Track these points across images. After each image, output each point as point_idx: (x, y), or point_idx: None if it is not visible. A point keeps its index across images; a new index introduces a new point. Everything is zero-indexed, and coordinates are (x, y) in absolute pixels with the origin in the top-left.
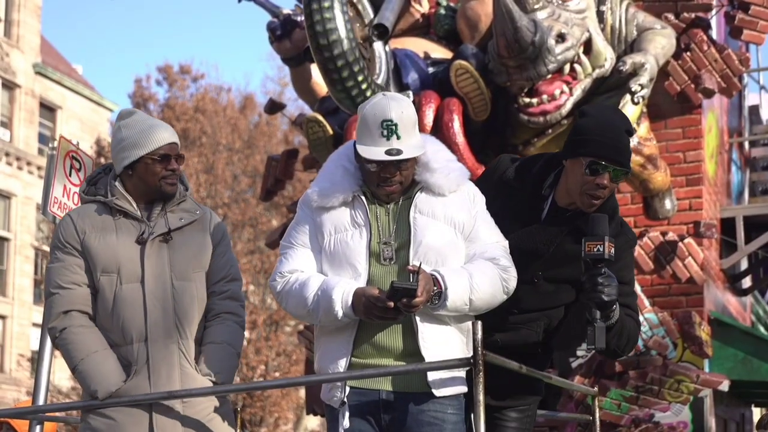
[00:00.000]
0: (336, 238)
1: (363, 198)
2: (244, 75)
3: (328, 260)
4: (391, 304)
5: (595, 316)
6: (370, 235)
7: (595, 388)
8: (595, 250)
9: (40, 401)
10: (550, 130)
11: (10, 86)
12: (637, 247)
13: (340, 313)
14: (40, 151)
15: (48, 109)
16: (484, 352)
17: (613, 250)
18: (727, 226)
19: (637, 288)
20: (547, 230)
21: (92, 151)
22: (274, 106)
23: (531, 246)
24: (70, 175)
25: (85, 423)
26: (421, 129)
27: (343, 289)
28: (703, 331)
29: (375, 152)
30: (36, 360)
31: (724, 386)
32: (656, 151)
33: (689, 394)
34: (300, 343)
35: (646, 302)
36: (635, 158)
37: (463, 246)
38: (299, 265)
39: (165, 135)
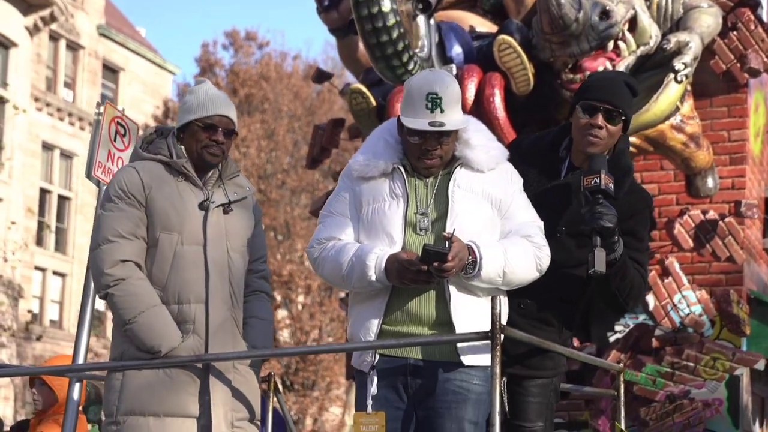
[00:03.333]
0: (374, 208)
1: (402, 170)
2: (305, 41)
3: (365, 229)
4: (424, 267)
5: (595, 243)
6: (407, 205)
7: (621, 364)
8: (593, 182)
9: (80, 359)
10: None
11: (74, 47)
12: (677, 225)
13: (373, 278)
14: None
15: (111, 71)
16: (501, 326)
17: (611, 184)
18: None
19: (676, 265)
20: (566, 186)
21: (159, 111)
22: (321, 76)
23: (552, 202)
24: (114, 140)
25: (129, 378)
26: (463, 103)
27: (377, 255)
28: (741, 310)
29: (419, 123)
30: (96, 317)
31: (760, 365)
32: (699, 129)
33: (725, 371)
34: (342, 309)
35: (684, 279)
36: (677, 136)
37: (499, 222)
38: (336, 233)
39: (219, 107)
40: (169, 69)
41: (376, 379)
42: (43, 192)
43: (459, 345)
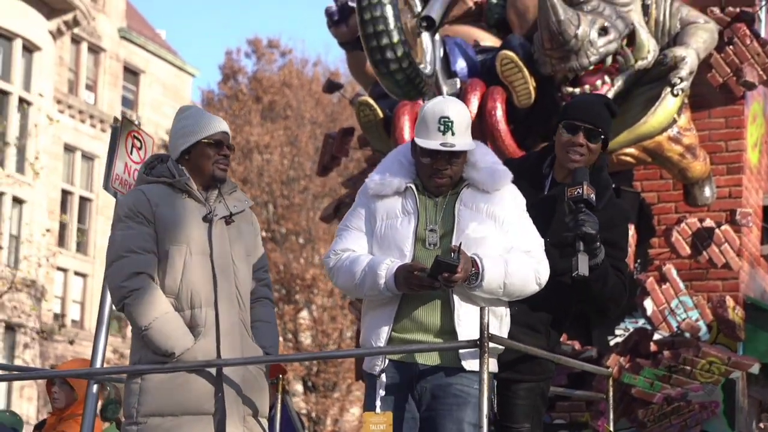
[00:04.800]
0: (387, 224)
1: (414, 189)
2: (324, 45)
3: (378, 243)
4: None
5: (579, 247)
6: (417, 222)
7: (610, 369)
8: (576, 192)
9: (98, 363)
10: None
11: (95, 50)
12: (674, 232)
13: (383, 287)
14: (124, 115)
15: (132, 73)
16: (489, 335)
17: (593, 195)
18: None
19: (674, 272)
20: (550, 201)
21: None
22: (332, 86)
23: (537, 216)
24: (131, 153)
25: (147, 381)
26: None
27: (388, 266)
28: (737, 315)
29: (431, 144)
30: (115, 318)
31: (755, 369)
32: (695, 140)
33: (720, 375)
34: (352, 314)
35: (681, 285)
36: (674, 147)
37: (502, 239)
38: (351, 245)
39: (220, 124)
40: (189, 71)
41: (385, 383)
42: (65, 193)
43: (460, 351)
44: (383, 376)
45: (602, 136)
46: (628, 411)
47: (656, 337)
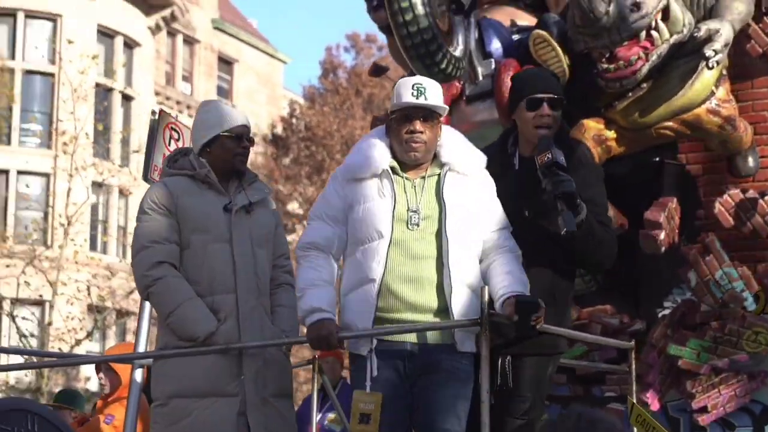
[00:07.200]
0: (364, 207)
1: (390, 172)
2: None
3: (356, 227)
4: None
5: (562, 207)
6: (394, 203)
7: (632, 342)
8: (546, 158)
9: (141, 348)
10: (630, 93)
11: (190, 42)
12: (717, 204)
13: (301, 318)
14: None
15: (225, 63)
16: (490, 312)
17: (562, 157)
18: None
19: (717, 243)
20: (523, 175)
21: (285, 111)
22: (378, 70)
23: (515, 190)
24: (169, 144)
25: (172, 365)
26: (501, 95)
27: (316, 310)
28: None
29: (405, 102)
30: None
31: None
32: (735, 112)
33: (767, 345)
34: None
35: (725, 257)
36: (713, 119)
37: (480, 224)
38: (320, 239)
39: (240, 117)
40: (281, 58)
41: (376, 362)
42: None
43: (456, 333)
44: (374, 357)
45: (562, 102)
46: (677, 383)
47: (703, 308)
